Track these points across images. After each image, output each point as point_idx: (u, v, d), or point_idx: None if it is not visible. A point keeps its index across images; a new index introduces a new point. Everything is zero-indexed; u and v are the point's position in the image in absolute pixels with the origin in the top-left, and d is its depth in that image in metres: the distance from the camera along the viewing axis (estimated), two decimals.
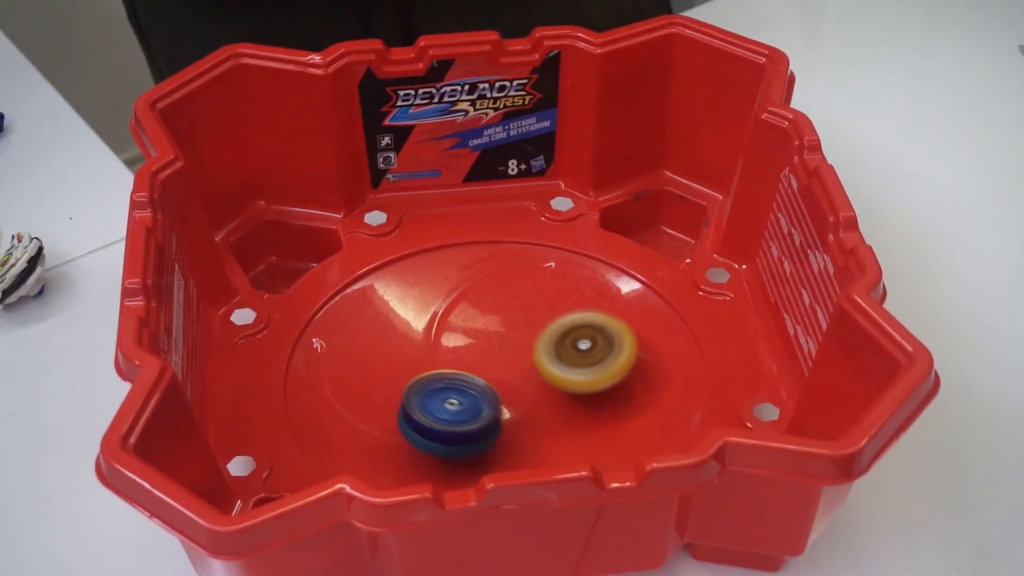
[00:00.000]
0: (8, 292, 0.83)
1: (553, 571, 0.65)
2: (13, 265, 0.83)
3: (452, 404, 0.71)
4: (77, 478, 0.71)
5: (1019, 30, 1.12)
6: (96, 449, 0.58)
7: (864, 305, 0.64)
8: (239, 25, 0.99)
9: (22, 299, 0.85)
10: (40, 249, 0.85)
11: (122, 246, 0.70)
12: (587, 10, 1.03)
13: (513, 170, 0.88)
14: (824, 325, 0.70)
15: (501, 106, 0.85)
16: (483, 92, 0.84)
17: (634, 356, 0.75)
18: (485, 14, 0.99)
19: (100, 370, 0.69)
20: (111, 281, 0.81)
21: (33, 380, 0.81)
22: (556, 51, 0.83)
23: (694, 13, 0.90)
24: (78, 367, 0.81)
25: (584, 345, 0.75)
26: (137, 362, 0.62)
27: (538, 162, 0.88)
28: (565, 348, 0.75)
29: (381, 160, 0.86)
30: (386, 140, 0.85)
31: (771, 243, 0.79)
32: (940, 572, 0.70)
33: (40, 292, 0.86)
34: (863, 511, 0.72)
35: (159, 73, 1.10)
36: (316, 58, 0.80)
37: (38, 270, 0.84)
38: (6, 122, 1.01)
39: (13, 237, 0.86)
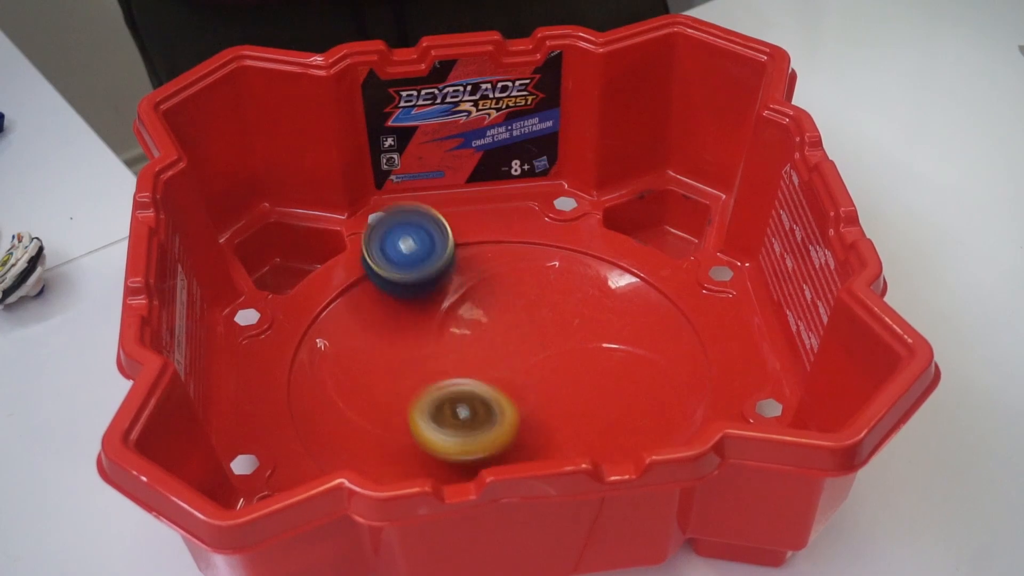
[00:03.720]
0: (8, 292, 0.83)
1: (555, 566, 0.65)
2: (13, 265, 0.83)
3: (408, 244, 0.77)
4: (77, 478, 0.71)
5: (1019, 30, 1.12)
6: (96, 448, 0.58)
7: (864, 298, 0.64)
8: (234, 29, 0.99)
9: (22, 299, 0.85)
10: (40, 249, 0.85)
11: (122, 246, 0.70)
12: (581, 11, 1.03)
13: (516, 170, 0.88)
14: (825, 320, 0.70)
15: (504, 106, 0.85)
16: (485, 92, 0.84)
17: (514, 430, 0.70)
18: (478, 15, 0.99)
19: (100, 370, 0.69)
20: (111, 281, 0.81)
21: (33, 380, 0.81)
22: (558, 51, 0.83)
23: (694, 13, 0.90)
24: (78, 367, 0.81)
25: (463, 413, 0.70)
26: (139, 360, 0.62)
27: (541, 162, 0.88)
28: (443, 414, 0.70)
29: (384, 161, 0.87)
30: (389, 141, 0.85)
31: (773, 240, 0.79)
32: (941, 567, 0.70)
33: (40, 292, 0.86)
34: (864, 507, 0.72)
35: (156, 77, 1.11)
36: (319, 59, 0.80)
37: (38, 270, 0.84)
38: (6, 122, 1.01)
39: (13, 237, 0.86)
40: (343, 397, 0.76)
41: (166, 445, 0.60)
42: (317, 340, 0.79)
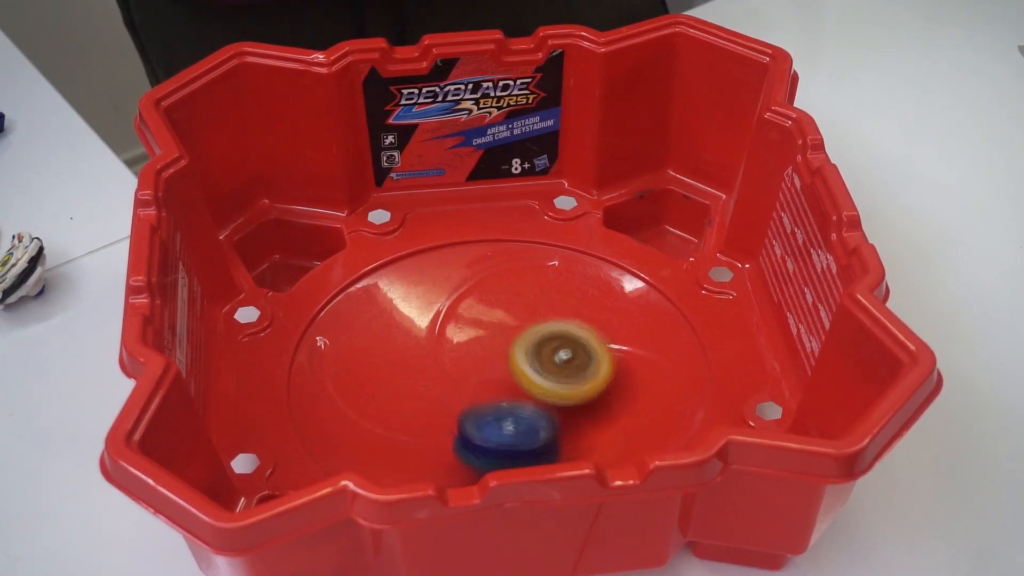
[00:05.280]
0: (9, 292, 0.83)
1: (555, 569, 0.65)
2: (14, 265, 0.83)
3: (508, 428, 0.70)
4: (77, 478, 0.71)
5: (1019, 30, 1.12)
6: (97, 449, 0.58)
7: (867, 304, 0.64)
8: (233, 27, 0.99)
9: (22, 299, 0.85)
10: (41, 249, 0.85)
11: (123, 246, 0.70)
12: (580, 11, 1.03)
13: (516, 169, 0.88)
14: (827, 324, 0.70)
15: (504, 105, 0.85)
16: (487, 91, 0.84)
17: (611, 374, 0.74)
18: (478, 16, 0.99)
19: (100, 370, 0.69)
20: (111, 281, 0.81)
21: (33, 380, 0.81)
22: (559, 50, 0.83)
23: (693, 13, 0.90)
24: (78, 367, 0.81)
25: (563, 356, 0.74)
26: (141, 359, 0.62)
27: (541, 161, 0.88)
28: (543, 357, 0.74)
29: (385, 159, 0.86)
30: (390, 139, 0.85)
31: (774, 242, 0.79)
32: (941, 571, 0.70)
33: (40, 292, 0.86)
34: (865, 510, 0.72)
35: (155, 78, 1.11)
36: (320, 57, 0.80)
37: (39, 270, 0.84)
38: (6, 122, 1.01)
39: (14, 237, 0.86)
40: (343, 396, 0.76)
41: (168, 445, 0.60)
42: (317, 338, 0.79)
